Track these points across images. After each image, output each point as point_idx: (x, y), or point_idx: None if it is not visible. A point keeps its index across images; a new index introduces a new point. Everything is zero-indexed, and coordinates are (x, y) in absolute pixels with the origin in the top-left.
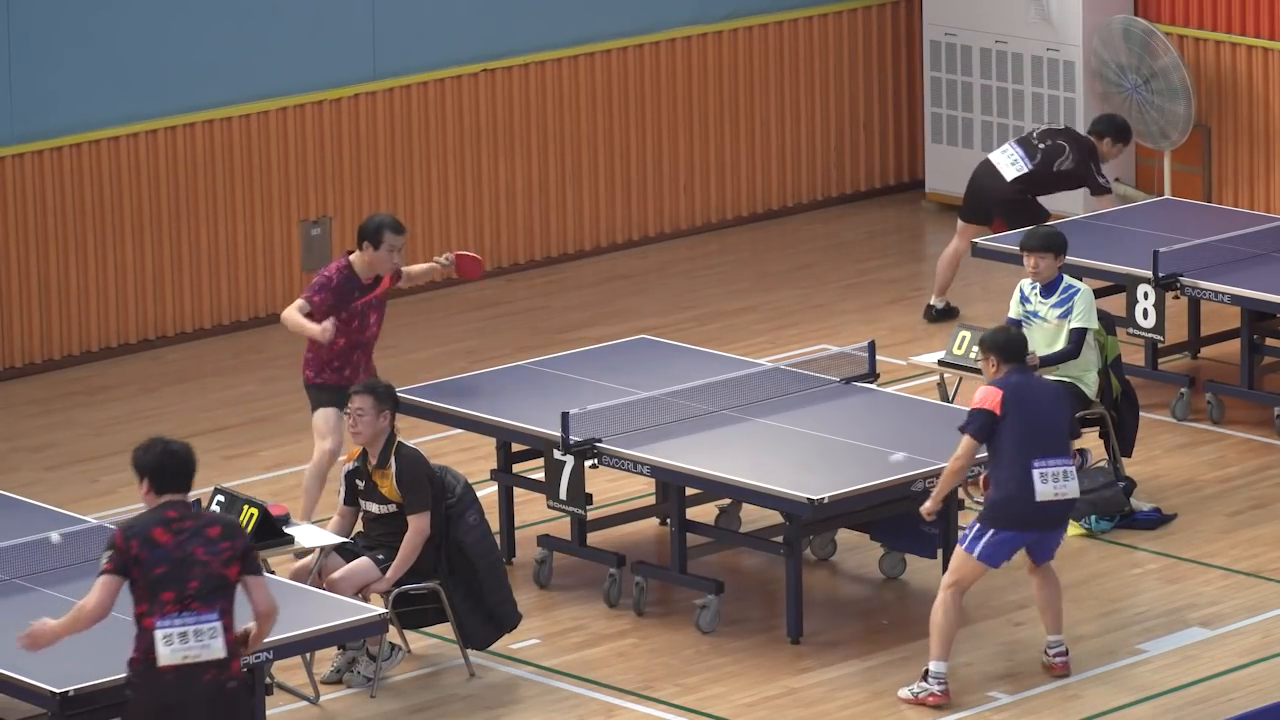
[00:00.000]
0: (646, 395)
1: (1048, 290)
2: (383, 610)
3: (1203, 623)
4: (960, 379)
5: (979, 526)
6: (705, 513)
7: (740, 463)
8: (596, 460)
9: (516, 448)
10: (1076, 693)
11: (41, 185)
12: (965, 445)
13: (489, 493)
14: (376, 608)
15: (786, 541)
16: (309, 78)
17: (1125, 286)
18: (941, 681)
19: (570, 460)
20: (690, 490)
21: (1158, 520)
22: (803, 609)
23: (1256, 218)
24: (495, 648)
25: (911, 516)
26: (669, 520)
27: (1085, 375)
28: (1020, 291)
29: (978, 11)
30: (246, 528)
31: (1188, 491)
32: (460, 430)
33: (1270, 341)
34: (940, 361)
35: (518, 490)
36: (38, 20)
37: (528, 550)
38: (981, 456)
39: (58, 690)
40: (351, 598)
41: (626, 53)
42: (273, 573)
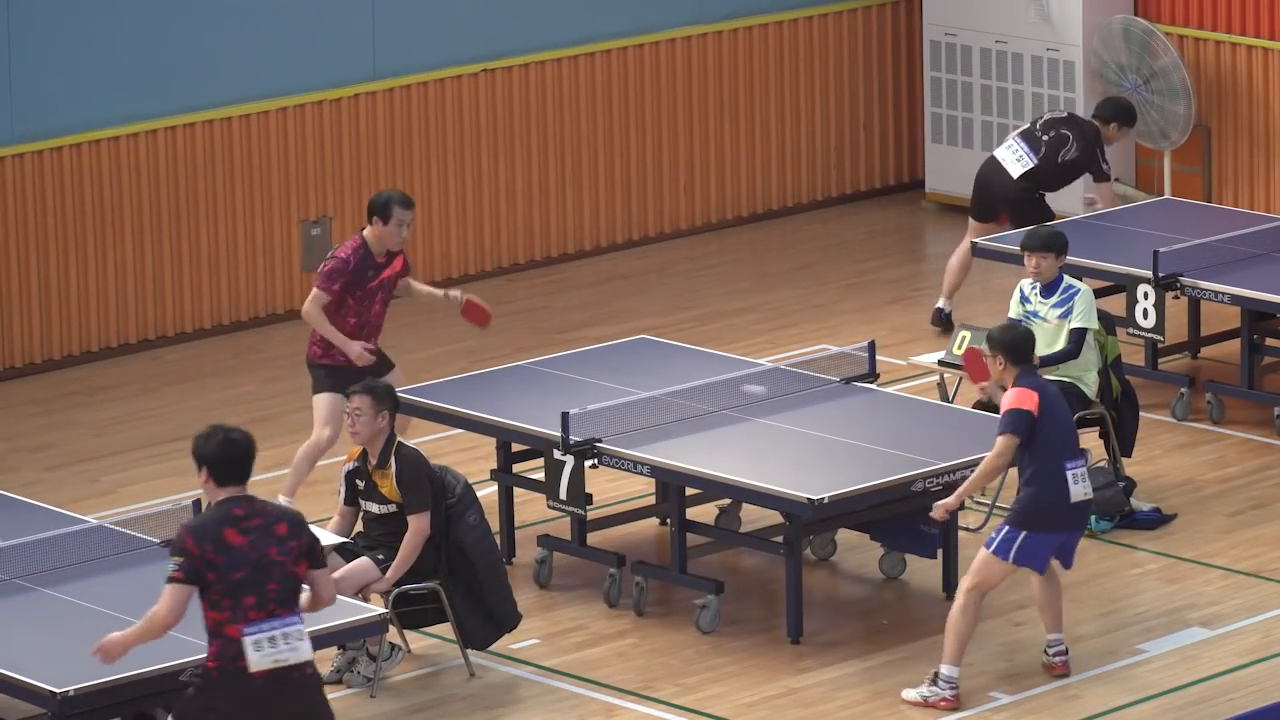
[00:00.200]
0: (646, 395)
1: (1048, 290)
2: (383, 610)
3: (1203, 623)
4: (960, 379)
5: (1009, 530)
6: (705, 513)
7: (740, 463)
8: (596, 460)
9: (516, 448)
10: (1076, 693)
11: (41, 185)
12: (1006, 444)
13: (489, 493)
14: (376, 608)
15: (786, 541)
16: (309, 78)
17: (1125, 286)
18: (953, 685)
19: (570, 460)
20: (690, 490)
21: (1158, 520)
22: (803, 609)
23: (1256, 218)
24: (495, 648)
25: (911, 516)
26: (669, 520)
27: (1085, 375)
28: (1020, 291)
29: (978, 11)
30: None
31: (1188, 491)
32: (460, 430)
33: (1270, 341)
34: (940, 361)
35: (518, 490)
36: (38, 20)
37: (528, 550)
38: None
39: (58, 690)
40: (351, 598)
41: (626, 53)
42: None
